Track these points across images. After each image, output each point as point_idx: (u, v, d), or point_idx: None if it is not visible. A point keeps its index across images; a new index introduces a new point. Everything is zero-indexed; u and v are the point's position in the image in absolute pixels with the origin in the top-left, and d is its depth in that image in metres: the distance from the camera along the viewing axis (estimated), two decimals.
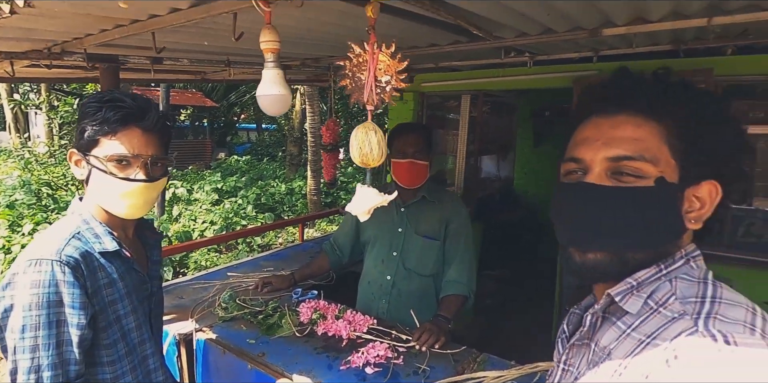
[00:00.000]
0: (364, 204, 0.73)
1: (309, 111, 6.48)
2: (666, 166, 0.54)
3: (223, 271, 2.22)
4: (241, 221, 6.40)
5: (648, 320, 0.53)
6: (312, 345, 1.47)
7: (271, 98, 0.85)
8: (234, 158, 11.15)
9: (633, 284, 0.56)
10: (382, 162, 0.74)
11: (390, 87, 0.67)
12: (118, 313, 0.92)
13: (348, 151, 0.89)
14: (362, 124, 0.72)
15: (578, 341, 0.64)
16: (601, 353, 0.57)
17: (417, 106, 3.37)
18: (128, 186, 0.91)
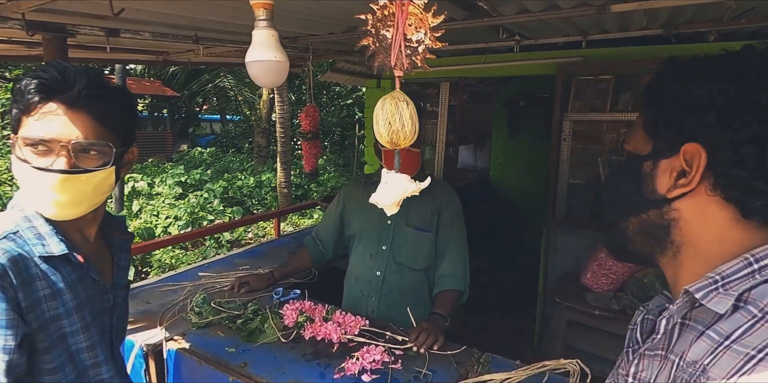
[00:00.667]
0: (395, 194, 0.60)
1: (278, 100, 6.20)
2: (637, 141, 0.59)
3: (193, 271, 2.03)
4: (207, 215, 6.10)
5: (754, 330, 0.44)
6: (300, 352, 1.34)
7: (263, 65, 0.69)
8: (197, 150, 10.64)
9: (716, 279, 0.48)
10: (413, 142, 0.61)
11: (423, 47, 0.54)
12: (64, 331, 0.75)
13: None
14: (389, 93, 0.58)
15: (650, 351, 0.55)
16: (690, 369, 0.47)
17: None
18: (46, 178, 0.71)
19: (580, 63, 2.52)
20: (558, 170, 2.67)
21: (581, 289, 2.28)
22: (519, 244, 4.39)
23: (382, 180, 0.62)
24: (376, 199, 0.62)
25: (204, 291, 1.76)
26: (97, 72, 0.76)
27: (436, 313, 1.48)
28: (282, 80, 0.75)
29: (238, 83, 9.97)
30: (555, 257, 2.74)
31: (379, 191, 0.62)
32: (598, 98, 2.59)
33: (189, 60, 2.16)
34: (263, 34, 0.69)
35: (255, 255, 2.32)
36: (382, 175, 0.63)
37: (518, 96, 4.64)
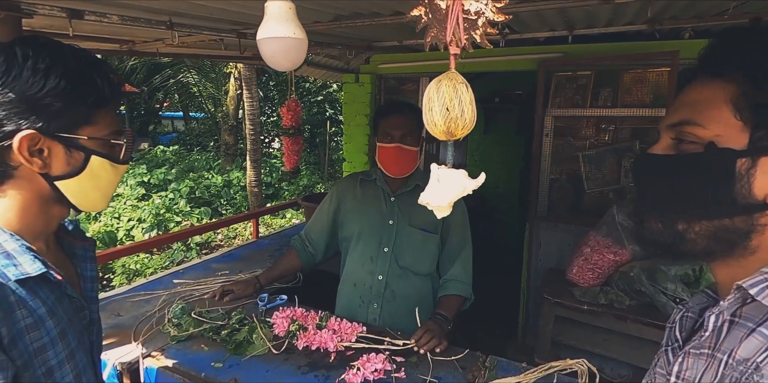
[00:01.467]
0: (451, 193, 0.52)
1: (247, 96, 5.98)
2: (724, 128, 0.48)
3: (166, 278, 1.89)
4: (174, 217, 5.81)
5: None
6: (294, 364, 1.24)
7: (282, 43, 0.59)
8: (159, 149, 10.15)
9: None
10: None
11: (483, 20, 0.46)
12: (50, 364, 0.62)
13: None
14: (445, 74, 0.50)
15: (695, 349, 0.51)
16: (741, 367, 0.44)
17: (374, 89, 3.16)
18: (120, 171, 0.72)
19: (560, 59, 2.52)
20: (540, 166, 2.68)
21: (567, 284, 2.29)
22: (494, 239, 4.43)
23: (432, 177, 0.54)
24: (427, 199, 0.54)
25: (181, 300, 1.62)
26: None
27: (440, 315, 1.41)
28: (301, 61, 0.65)
29: (203, 79, 9.57)
30: (538, 253, 2.74)
31: (430, 189, 0.54)
32: (578, 94, 2.60)
33: (157, 50, 1.99)
34: (280, 5, 0.58)
35: (233, 259, 2.19)
36: (432, 171, 0.55)
37: (492, 93, 4.66)
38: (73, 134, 0.63)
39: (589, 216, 2.51)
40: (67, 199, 0.67)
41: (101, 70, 0.66)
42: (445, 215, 0.54)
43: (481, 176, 0.55)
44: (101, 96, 0.65)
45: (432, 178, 0.54)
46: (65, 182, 0.65)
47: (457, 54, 0.50)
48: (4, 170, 0.62)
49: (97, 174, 0.67)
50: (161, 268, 4.67)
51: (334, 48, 2.26)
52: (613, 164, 2.60)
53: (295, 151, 2.04)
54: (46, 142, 0.61)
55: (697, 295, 0.61)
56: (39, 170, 0.62)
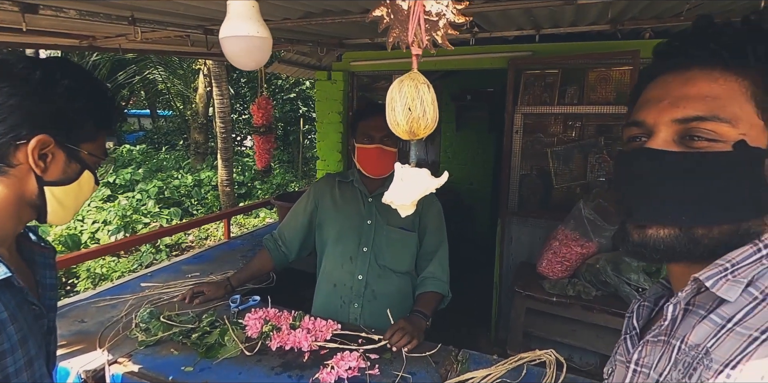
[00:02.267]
0: (414, 192, 0.52)
1: (217, 94, 5.84)
2: (750, 127, 0.45)
3: (134, 282, 1.83)
4: (142, 218, 5.63)
5: (755, 312, 0.44)
6: (267, 365, 1.23)
7: (244, 42, 0.58)
8: (125, 148, 9.78)
9: (726, 267, 0.46)
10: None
11: (444, 21, 0.47)
12: (7, 371, 0.60)
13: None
14: (407, 74, 0.50)
15: (654, 337, 0.54)
16: (692, 352, 0.47)
17: (346, 86, 3.14)
18: (93, 189, 0.78)
19: (529, 58, 2.58)
20: (511, 162, 2.73)
21: (538, 277, 2.35)
22: (466, 234, 4.49)
23: (396, 176, 0.54)
24: (391, 198, 0.54)
25: (149, 303, 1.58)
26: None
27: (418, 311, 1.42)
28: (265, 60, 0.64)
29: (170, 75, 9.27)
30: (510, 247, 2.80)
31: (394, 189, 0.54)
32: (546, 92, 2.67)
33: (120, 46, 1.91)
34: (243, 4, 0.57)
35: (204, 261, 2.14)
36: (396, 170, 0.55)
37: (464, 91, 4.72)
38: (77, 146, 0.70)
39: (557, 211, 2.58)
40: (45, 205, 0.71)
41: (112, 96, 0.77)
42: (408, 213, 0.55)
43: (444, 174, 0.55)
44: (109, 118, 0.75)
45: (396, 177, 0.55)
46: (54, 188, 0.70)
47: (419, 55, 0.50)
48: (2, 166, 0.66)
49: (82, 187, 0.74)
50: (129, 271, 4.52)
51: (304, 45, 2.24)
52: (580, 159, 2.69)
53: (267, 149, 2.00)
54: (54, 149, 0.68)
55: (654, 286, 0.63)
56: (39, 172, 0.67)
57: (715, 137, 0.46)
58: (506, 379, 1.16)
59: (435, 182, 0.52)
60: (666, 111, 0.49)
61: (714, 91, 0.47)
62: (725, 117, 0.45)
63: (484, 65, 2.76)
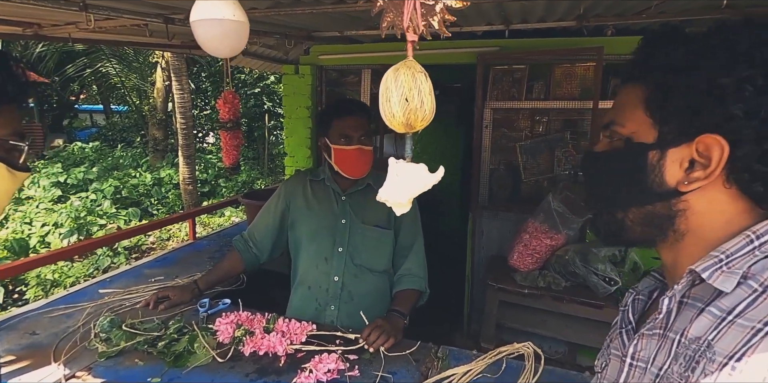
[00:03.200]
0: (412, 189, 0.49)
1: (176, 88, 5.57)
2: (638, 126, 0.54)
3: (91, 289, 1.71)
4: (97, 220, 5.32)
5: (756, 304, 0.44)
6: (242, 371, 1.17)
7: (219, 26, 0.52)
8: (77, 146, 9.20)
9: (721, 258, 0.48)
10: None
11: (441, 6, 0.44)
12: None
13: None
14: (403, 62, 0.46)
15: (649, 331, 0.54)
16: (693, 345, 0.47)
17: (315, 81, 3.07)
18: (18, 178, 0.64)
19: (497, 53, 2.60)
20: (480, 157, 2.76)
21: (509, 270, 2.39)
22: (436, 228, 4.53)
23: (391, 172, 0.51)
24: (386, 196, 0.51)
25: (109, 311, 1.48)
26: None
27: (395, 310, 1.40)
28: (242, 48, 0.59)
29: (125, 68, 8.79)
30: (481, 241, 2.84)
31: (389, 185, 0.51)
32: (514, 87, 2.70)
33: (69, 35, 1.76)
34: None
35: (168, 263, 2.04)
36: (390, 166, 0.52)
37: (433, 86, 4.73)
38: None
39: (526, 204, 2.63)
40: None
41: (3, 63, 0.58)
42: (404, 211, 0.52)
43: (440, 170, 0.53)
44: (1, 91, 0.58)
45: (390, 173, 0.52)
46: None
47: (414, 41, 0.47)
48: None
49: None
50: (84, 276, 4.26)
51: (271, 37, 2.15)
52: (547, 154, 2.75)
53: (235, 146, 1.92)
54: None
55: (646, 278, 0.64)
56: None
57: (618, 137, 0.56)
58: (487, 374, 1.16)
59: (432, 178, 0.50)
60: (602, 120, 0.61)
61: (622, 100, 0.57)
62: (620, 120, 0.56)
63: (453, 60, 2.76)
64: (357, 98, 3.12)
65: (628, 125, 0.54)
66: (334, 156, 1.46)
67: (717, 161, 0.48)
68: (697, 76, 0.48)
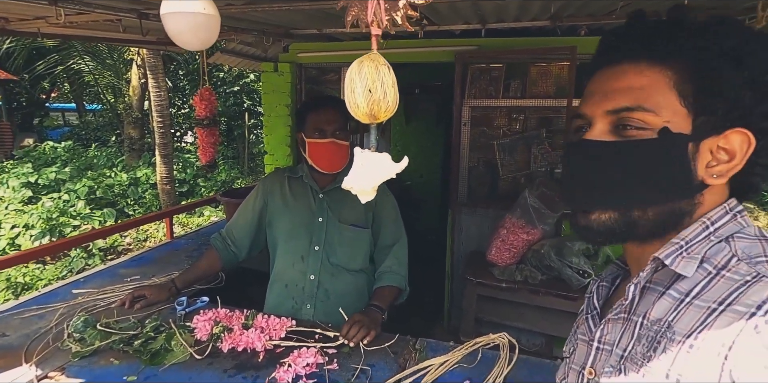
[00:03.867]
0: (375, 177, 0.50)
1: (153, 86, 5.46)
2: (673, 115, 0.49)
3: (64, 289, 1.68)
4: (70, 221, 5.17)
5: (711, 286, 0.47)
6: (220, 367, 1.17)
7: (189, 19, 0.53)
8: (48, 145, 8.90)
9: (681, 245, 0.50)
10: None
11: (404, 2, 0.45)
12: None
13: None
14: (367, 55, 0.48)
15: (615, 316, 0.56)
16: (654, 326, 0.49)
17: (294, 78, 3.06)
18: None
19: (475, 51, 2.64)
20: (459, 154, 2.80)
21: (487, 265, 2.43)
22: (418, 227, 4.56)
23: (356, 161, 0.53)
24: (351, 184, 0.52)
25: (83, 311, 1.46)
26: None
27: (374, 305, 1.41)
28: (213, 41, 0.59)
29: (99, 65, 8.56)
30: (460, 237, 2.88)
31: (354, 174, 0.52)
32: (491, 85, 2.75)
33: (39, 30, 1.71)
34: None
35: (145, 263, 2.01)
36: (356, 155, 0.54)
37: (413, 84, 4.76)
38: None
39: (504, 200, 2.68)
40: None
41: None
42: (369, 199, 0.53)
43: (404, 159, 0.55)
44: None
45: (356, 162, 0.53)
46: None
47: (378, 35, 0.49)
48: None
49: None
50: (57, 279, 4.15)
51: (249, 34, 2.14)
52: (524, 151, 2.81)
53: (211, 143, 1.90)
54: None
55: (609, 267, 0.66)
56: None
57: (642, 125, 0.49)
58: (463, 364, 1.19)
59: (396, 167, 0.52)
60: (600, 103, 0.52)
61: (640, 82, 0.50)
62: (650, 107, 0.49)
63: (432, 59, 2.79)
64: (337, 95, 3.11)
65: (663, 113, 0.49)
66: (309, 150, 1.46)
67: (743, 155, 0.48)
68: (748, 69, 0.47)
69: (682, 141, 0.49)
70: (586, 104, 0.55)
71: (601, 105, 0.52)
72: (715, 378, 0.42)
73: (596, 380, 0.56)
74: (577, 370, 0.62)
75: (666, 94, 0.49)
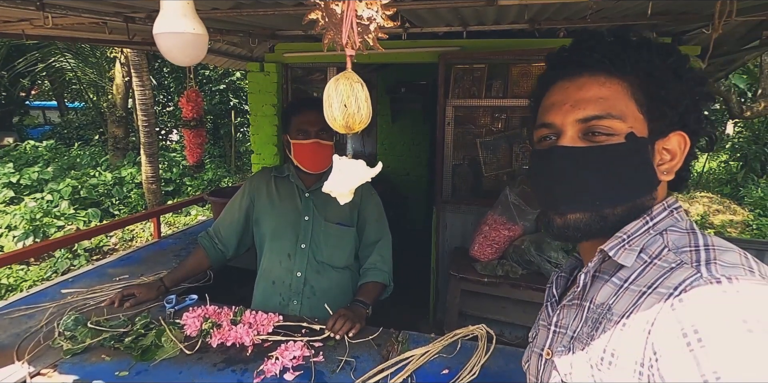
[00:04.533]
0: (351, 181, 0.56)
1: (137, 84, 5.41)
2: (634, 121, 0.56)
3: (52, 289, 1.69)
4: (54, 221, 5.11)
5: (644, 273, 0.54)
6: (209, 362, 1.21)
7: (179, 38, 0.57)
8: (29, 144, 8.75)
9: (624, 238, 0.57)
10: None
11: (375, 25, 0.50)
12: None
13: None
14: (342, 74, 0.53)
15: (569, 302, 0.63)
16: (598, 309, 0.57)
17: (280, 78, 3.08)
18: None
19: (457, 53, 2.70)
20: (444, 153, 2.86)
21: (471, 261, 2.51)
22: (402, 223, 4.63)
23: (335, 167, 0.58)
24: (330, 187, 0.58)
25: (73, 310, 1.48)
26: None
27: (358, 300, 1.46)
28: (201, 57, 0.64)
29: (81, 63, 8.42)
30: (445, 234, 2.95)
31: (333, 178, 0.58)
32: (474, 86, 2.82)
33: (23, 31, 1.71)
34: (179, 3, 0.57)
35: (133, 262, 2.03)
36: (334, 162, 0.59)
37: (398, 83, 4.81)
38: None
39: (487, 198, 2.75)
40: None
41: None
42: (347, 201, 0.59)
43: (378, 165, 0.60)
44: None
45: (334, 168, 0.59)
46: None
47: (352, 55, 0.54)
48: None
49: None
50: (42, 280, 4.11)
51: (235, 35, 2.16)
52: (506, 149, 2.88)
53: (198, 144, 1.92)
54: None
55: (569, 259, 0.74)
56: None
57: (610, 131, 0.56)
58: (443, 354, 1.25)
59: (370, 172, 0.57)
60: (570, 113, 0.58)
61: (603, 93, 0.57)
62: (616, 114, 0.55)
63: (416, 59, 2.84)
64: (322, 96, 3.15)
65: (628, 120, 0.55)
66: (294, 151, 1.51)
67: (682, 153, 0.57)
68: (685, 81, 0.56)
69: (644, 144, 0.55)
70: (553, 113, 0.60)
71: (571, 114, 0.58)
72: (641, 351, 0.48)
73: (551, 359, 0.63)
74: (538, 353, 0.69)
75: (627, 102, 0.56)
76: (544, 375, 0.66)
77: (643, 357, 0.48)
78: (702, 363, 0.42)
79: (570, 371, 0.57)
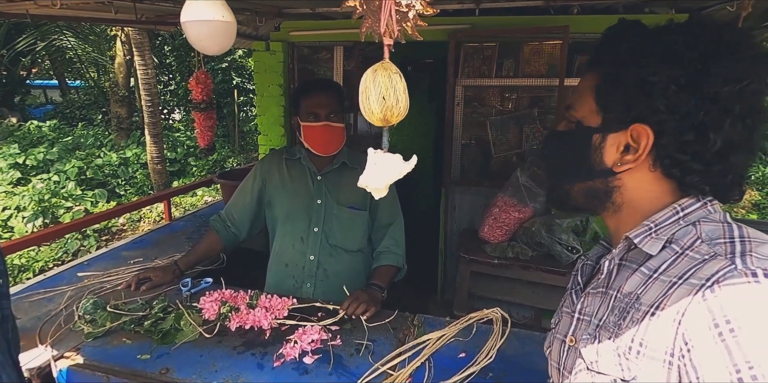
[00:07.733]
0: (388, 176, 0.54)
1: (140, 63, 5.32)
2: (588, 111, 0.60)
3: (69, 272, 1.72)
4: (63, 202, 5.15)
5: (676, 263, 0.53)
6: (229, 345, 1.24)
7: (208, 26, 0.55)
8: (33, 124, 8.71)
9: (651, 227, 0.57)
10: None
11: (413, 13, 0.48)
12: None
13: None
14: (380, 64, 0.51)
15: (593, 290, 0.64)
16: (626, 299, 0.57)
17: (287, 57, 3.01)
18: None
19: (468, 30, 2.62)
20: (452, 133, 2.82)
21: (480, 242, 2.51)
22: (411, 205, 4.63)
23: (370, 161, 0.56)
24: (366, 182, 0.56)
25: (91, 294, 1.50)
26: None
27: (373, 284, 1.47)
28: (230, 45, 0.61)
29: (81, 42, 8.26)
30: (453, 215, 2.95)
31: (368, 172, 0.56)
32: (484, 65, 2.74)
33: (27, 11, 1.66)
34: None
35: (146, 245, 2.04)
36: (369, 155, 0.57)
37: (404, 61, 4.70)
38: None
39: (497, 179, 2.73)
40: None
41: None
42: (382, 195, 0.58)
43: (413, 158, 0.59)
44: None
45: (369, 162, 0.57)
46: None
47: (390, 45, 0.51)
48: None
49: None
50: (53, 260, 4.18)
51: (241, 14, 2.10)
52: (516, 129, 2.84)
53: (209, 126, 1.89)
54: None
55: (596, 247, 0.74)
56: None
57: (572, 119, 0.63)
58: (459, 338, 1.27)
59: (406, 166, 0.56)
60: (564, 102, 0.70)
61: (579, 86, 0.63)
62: (575, 105, 0.62)
63: (425, 37, 2.75)
64: (329, 74, 3.09)
65: (580, 110, 0.61)
66: (304, 134, 1.49)
67: (643, 147, 0.55)
68: (632, 72, 0.54)
69: (588, 132, 0.60)
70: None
71: (564, 103, 0.67)
72: (671, 341, 0.49)
73: (576, 347, 0.63)
74: (561, 339, 0.69)
75: (586, 95, 0.60)
76: (567, 362, 0.67)
77: (673, 347, 0.48)
78: (734, 352, 0.43)
79: (596, 359, 0.58)
